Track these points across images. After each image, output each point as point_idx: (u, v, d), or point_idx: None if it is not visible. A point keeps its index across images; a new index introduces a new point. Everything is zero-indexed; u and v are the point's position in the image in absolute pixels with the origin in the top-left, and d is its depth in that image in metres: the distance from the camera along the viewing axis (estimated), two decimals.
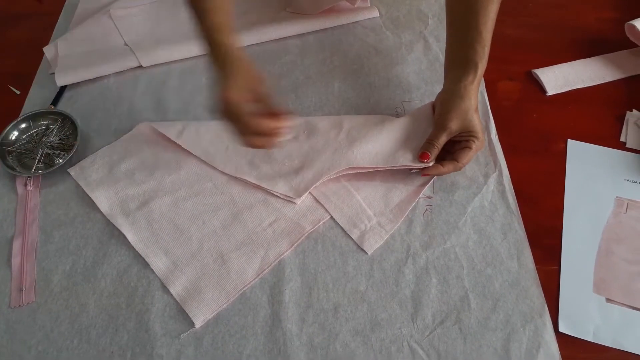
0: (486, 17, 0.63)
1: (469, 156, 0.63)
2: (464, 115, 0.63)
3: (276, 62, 0.82)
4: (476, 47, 0.63)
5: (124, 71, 0.82)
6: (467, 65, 0.64)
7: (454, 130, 0.63)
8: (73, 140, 0.72)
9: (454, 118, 0.63)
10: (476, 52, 0.63)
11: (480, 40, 0.63)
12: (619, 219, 0.64)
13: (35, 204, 0.67)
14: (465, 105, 0.63)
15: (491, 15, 0.63)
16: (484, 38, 0.63)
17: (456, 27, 0.67)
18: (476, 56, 0.63)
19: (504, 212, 0.65)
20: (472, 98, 0.63)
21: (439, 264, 0.61)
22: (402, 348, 0.55)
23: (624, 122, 0.73)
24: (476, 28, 0.63)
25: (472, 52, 0.63)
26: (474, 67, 0.63)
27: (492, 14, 0.63)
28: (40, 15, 0.93)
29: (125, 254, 0.63)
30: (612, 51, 0.81)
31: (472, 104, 0.63)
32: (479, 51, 0.63)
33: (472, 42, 0.63)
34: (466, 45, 0.64)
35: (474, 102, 0.63)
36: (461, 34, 0.65)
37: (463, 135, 0.64)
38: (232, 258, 0.61)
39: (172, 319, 0.58)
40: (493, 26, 0.64)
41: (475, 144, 0.63)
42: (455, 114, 0.63)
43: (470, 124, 0.63)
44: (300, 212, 0.65)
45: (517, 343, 0.55)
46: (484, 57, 0.63)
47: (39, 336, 0.57)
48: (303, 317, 0.57)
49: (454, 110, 0.63)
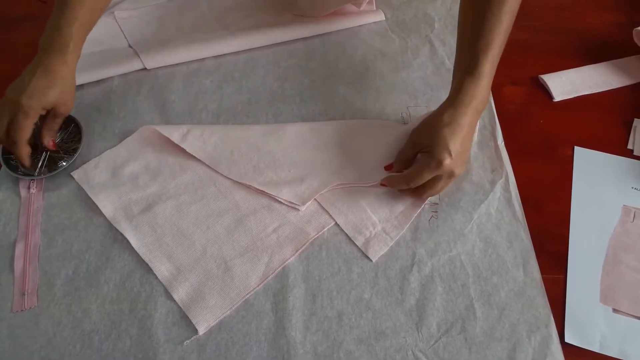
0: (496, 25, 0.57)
1: (417, 173, 0.58)
2: (431, 130, 0.58)
3: (280, 65, 0.82)
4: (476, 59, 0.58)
5: (128, 73, 0.81)
6: (456, 77, 0.60)
7: (415, 141, 0.61)
8: (77, 143, 0.72)
9: (421, 129, 0.61)
10: (469, 64, 0.58)
11: (484, 52, 0.57)
12: (626, 228, 0.63)
13: (38, 208, 0.67)
14: (436, 121, 0.58)
15: (503, 24, 0.57)
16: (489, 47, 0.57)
17: (463, 27, 0.62)
18: (467, 68, 0.58)
19: (510, 220, 0.64)
20: (446, 115, 0.57)
21: (444, 271, 0.60)
22: (406, 357, 0.55)
23: (631, 129, 0.72)
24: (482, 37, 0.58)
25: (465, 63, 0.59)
26: (459, 83, 0.58)
27: (505, 23, 0.58)
28: (44, 16, 0.91)
29: (128, 258, 0.62)
30: (619, 57, 0.80)
31: (445, 121, 0.57)
32: (472, 64, 0.58)
33: (477, 51, 0.58)
34: (466, 50, 0.60)
35: (451, 120, 0.57)
36: (464, 37, 0.61)
37: (425, 150, 0.59)
38: (236, 264, 0.61)
39: (175, 325, 0.57)
40: (503, 39, 0.59)
41: (428, 163, 0.57)
42: (423, 125, 0.60)
43: (431, 140, 0.57)
44: (305, 218, 0.64)
45: (523, 353, 0.55)
46: (476, 69, 0.57)
47: (42, 341, 0.57)
48: (307, 324, 0.57)
49: (425, 122, 0.61)
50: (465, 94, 0.58)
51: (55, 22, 0.63)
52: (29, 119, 0.62)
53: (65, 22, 0.63)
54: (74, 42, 0.64)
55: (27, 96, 0.61)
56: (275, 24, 0.86)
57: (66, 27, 0.63)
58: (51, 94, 0.63)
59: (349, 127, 0.72)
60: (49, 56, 0.63)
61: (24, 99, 0.61)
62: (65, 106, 0.66)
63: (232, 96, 0.78)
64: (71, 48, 0.64)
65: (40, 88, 0.62)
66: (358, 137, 0.70)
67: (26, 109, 0.61)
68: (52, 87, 0.63)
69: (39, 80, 0.62)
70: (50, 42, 0.63)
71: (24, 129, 0.62)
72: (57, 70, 0.63)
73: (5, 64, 0.85)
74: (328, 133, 0.71)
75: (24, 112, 0.62)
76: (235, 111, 0.76)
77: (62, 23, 0.63)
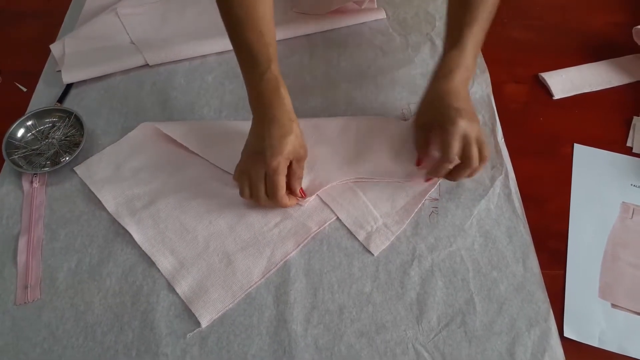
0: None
1: (445, 145, 0.57)
2: (431, 103, 0.59)
3: (283, 62, 0.81)
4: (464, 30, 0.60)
5: (131, 69, 0.82)
6: (449, 48, 0.61)
7: (424, 123, 0.60)
8: (79, 138, 0.72)
9: (422, 110, 0.60)
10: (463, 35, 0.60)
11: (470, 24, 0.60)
12: (625, 224, 0.64)
13: (41, 202, 0.67)
14: (430, 94, 0.59)
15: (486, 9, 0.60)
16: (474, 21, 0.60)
17: (450, 13, 0.64)
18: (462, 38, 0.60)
19: (510, 216, 0.64)
20: (438, 86, 0.58)
21: (444, 266, 0.61)
22: (407, 350, 0.55)
23: (630, 127, 0.73)
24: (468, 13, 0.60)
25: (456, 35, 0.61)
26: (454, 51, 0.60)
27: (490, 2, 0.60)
28: (47, 12, 0.93)
29: (131, 252, 0.63)
30: (619, 55, 0.81)
31: (440, 91, 0.58)
32: (466, 33, 0.60)
33: (462, 25, 0.60)
34: (456, 25, 0.61)
35: (446, 88, 0.58)
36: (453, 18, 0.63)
37: (435, 125, 0.59)
38: (238, 258, 0.61)
39: (177, 318, 0.58)
40: (488, 16, 0.61)
41: (445, 127, 0.56)
42: (422, 106, 0.60)
43: (436, 111, 0.58)
44: (307, 213, 0.65)
45: (522, 347, 0.55)
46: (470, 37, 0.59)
47: (44, 334, 0.57)
48: (308, 318, 0.57)
49: (421, 104, 0.61)
50: (450, 65, 0.60)
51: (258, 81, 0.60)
52: (281, 177, 0.59)
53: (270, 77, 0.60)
54: (279, 81, 0.61)
55: (271, 155, 0.57)
56: (278, 22, 0.85)
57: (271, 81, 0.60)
58: (289, 147, 0.58)
59: (351, 123, 0.72)
60: (272, 109, 0.60)
61: (271, 161, 0.57)
62: (303, 149, 0.61)
63: (234, 92, 0.78)
64: (282, 92, 0.60)
65: (279, 148, 0.58)
66: (360, 133, 0.70)
67: (274, 167, 0.57)
68: (287, 136, 0.59)
69: (274, 134, 0.58)
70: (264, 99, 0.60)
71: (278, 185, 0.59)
72: (294, 118, 0.61)
73: (10, 59, 0.86)
74: (330, 129, 0.71)
75: (274, 170, 0.58)
76: (237, 107, 0.77)
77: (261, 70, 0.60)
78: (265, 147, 0.58)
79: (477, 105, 0.75)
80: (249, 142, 0.62)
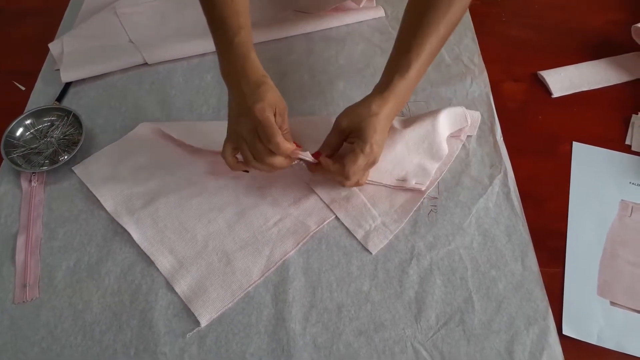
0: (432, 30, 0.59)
1: (353, 161, 0.58)
2: (359, 117, 0.59)
3: (281, 61, 0.82)
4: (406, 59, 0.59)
5: (129, 68, 0.82)
6: (387, 74, 0.61)
7: (343, 128, 0.60)
8: (78, 137, 0.72)
9: (348, 115, 0.60)
10: (401, 65, 0.60)
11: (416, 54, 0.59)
12: (624, 222, 0.64)
13: (40, 200, 0.67)
14: (364, 109, 0.59)
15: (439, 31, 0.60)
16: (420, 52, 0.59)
17: (402, 30, 0.63)
18: (399, 68, 0.60)
19: (509, 214, 0.64)
20: (374, 106, 0.59)
21: (443, 265, 0.61)
22: (405, 349, 0.55)
23: (629, 125, 0.73)
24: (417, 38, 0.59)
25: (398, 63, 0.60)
26: (389, 79, 0.60)
27: (441, 30, 0.60)
28: (46, 11, 0.92)
29: (129, 251, 0.63)
30: (618, 54, 0.81)
31: (373, 111, 0.59)
32: (404, 65, 0.60)
33: (407, 51, 0.60)
34: (401, 51, 0.61)
35: (379, 111, 0.59)
36: (402, 39, 0.63)
37: (352, 137, 0.60)
38: (238, 257, 0.61)
39: (175, 317, 0.58)
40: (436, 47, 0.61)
41: (362, 149, 0.58)
42: (352, 111, 0.60)
43: (360, 126, 0.58)
44: (306, 211, 0.65)
45: (521, 345, 0.55)
46: (407, 72, 0.59)
47: (43, 332, 0.57)
48: (307, 316, 0.57)
49: (352, 109, 0.61)
50: (393, 91, 0.60)
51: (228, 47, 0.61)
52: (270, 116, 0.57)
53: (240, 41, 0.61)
54: (249, 46, 0.62)
55: (252, 103, 0.57)
56: (276, 20, 0.86)
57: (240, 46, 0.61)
58: (268, 95, 0.58)
59: None
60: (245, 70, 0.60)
61: (254, 106, 0.57)
62: (282, 102, 0.61)
63: None
64: (252, 56, 0.61)
65: (258, 95, 0.58)
66: None
67: (260, 110, 0.57)
68: (262, 85, 0.59)
69: (250, 88, 0.59)
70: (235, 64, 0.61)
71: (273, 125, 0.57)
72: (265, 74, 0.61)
73: (8, 58, 0.86)
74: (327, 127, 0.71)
75: (261, 113, 0.57)
76: None
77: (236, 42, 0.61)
78: (245, 102, 0.58)
79: (476, 103, 0.75)
80: (229, 111, 0.62)
